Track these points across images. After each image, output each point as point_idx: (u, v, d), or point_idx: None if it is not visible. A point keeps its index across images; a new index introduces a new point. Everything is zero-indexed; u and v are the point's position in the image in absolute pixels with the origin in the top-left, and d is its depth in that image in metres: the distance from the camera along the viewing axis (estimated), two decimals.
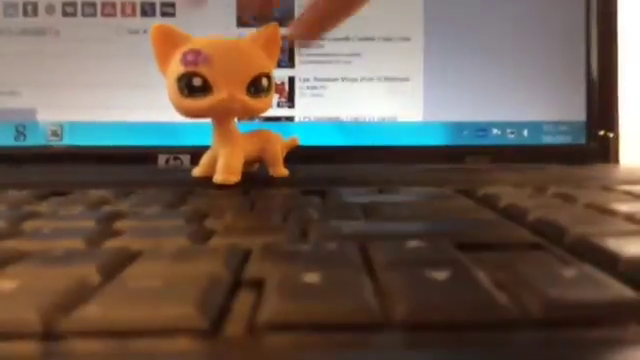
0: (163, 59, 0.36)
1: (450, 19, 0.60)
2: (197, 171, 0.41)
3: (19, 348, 0.14)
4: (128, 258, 0.20)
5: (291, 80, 0.59)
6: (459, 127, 0.60)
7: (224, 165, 0.38)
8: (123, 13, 0.59)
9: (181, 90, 0.35)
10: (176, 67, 0.35)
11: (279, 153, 0.42)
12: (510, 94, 0.60)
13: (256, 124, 0.57)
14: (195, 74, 0.34)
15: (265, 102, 0.37)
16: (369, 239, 0.22)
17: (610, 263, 0.19)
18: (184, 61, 0.34)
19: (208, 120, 0.38)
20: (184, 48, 0.35)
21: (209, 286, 0.16)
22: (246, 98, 0.35)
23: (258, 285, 0.17)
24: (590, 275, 0.17)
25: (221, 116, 0.38)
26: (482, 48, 0.61)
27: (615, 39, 0.61)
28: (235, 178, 0.38)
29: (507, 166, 0.55)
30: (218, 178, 0.38)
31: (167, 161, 0.57)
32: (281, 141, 0.43)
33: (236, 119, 0.39)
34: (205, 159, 0.41)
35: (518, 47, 0.61)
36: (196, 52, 0.34)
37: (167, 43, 0.35)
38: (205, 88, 0.34)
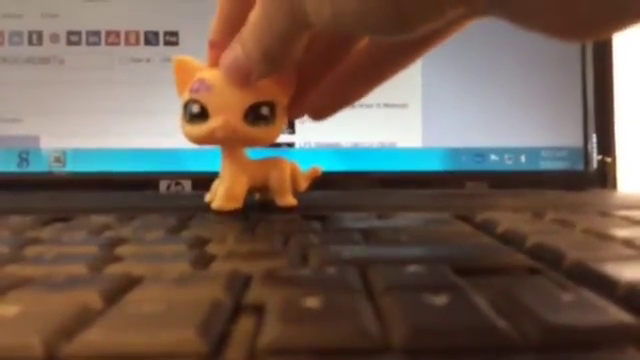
0: (182, 88, 0.36)
1: (448, 46, 0.60)
2: (209, 197, 0.41)
3: None
4: (130, 283, 0.20)
5: None
6: (457, 153, 0.60)
7: (224, 191, 0.38)
8: (127, 42, 0.59)
9: (184, 117, 0.35)
10: (186, 95, 0.35)
11: (286, 181, 0.40)
12: (508, 120, 0.61)
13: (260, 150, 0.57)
14: (195, 101, 0.34)
15: (267, 131, 0.36)
16: (369, 264, 0.22)
17: (608, 288, 0.19)
18: (191, 89, 0.35)
19: (211, 146, 0.37)
20: (195, 77, 0.35)
21: (210, 311, 0.16)
22: (242, 126, 0.34)
23: (258, 310, 0.17)
24: (588, 300, 0.17)
25: (221, 144, 0.37)
26: (480, 75, 0.61)
27: (610, 64, 0.61)
28: (234, 204, 0.38)
29: (505, 192, 0.55)
30: (215, 204, 0.38)
31: (168, 187, 0.57)
32: (295, 169, 0.42)
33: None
34: (214, 185, 0.41)
35: (515, 73, 0.61)
36: (201, 81, 0.34)
37: (185, 73, 0.36)
38: (203, 115, 0.34)
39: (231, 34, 0.31)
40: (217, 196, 0.38)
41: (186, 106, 0.35)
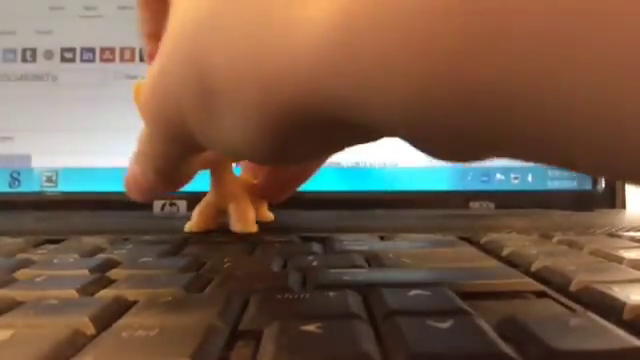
0: None
1: None
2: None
3: None
4: (122, 308, 0.20)
5: None
6: (462, 172, 0.60)
7: (194, 212, 0.39)
8: (122, 58, 0.59)
9: None
10: None
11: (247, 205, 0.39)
12: None
13: None
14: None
15: None
16: (370, 287, 0.21)
17: (616, 311, 0.19)
18: None
19: None
20: None
21: (205, 337, 0.16)
22: None
23: (256, 335, 0.17)
24: (595, 324, 0.17)
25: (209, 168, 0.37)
26: None
27: None
28: (196, 228, 0.38)
29: (511, 212, 0.55)
30: (187, 226, 0.39)
31: (163, 207, 0.57)
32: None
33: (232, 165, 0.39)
34: None
35: None
36: None
37: None
38: None
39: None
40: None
41: None
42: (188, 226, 0.38)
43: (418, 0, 0.11)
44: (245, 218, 0.38)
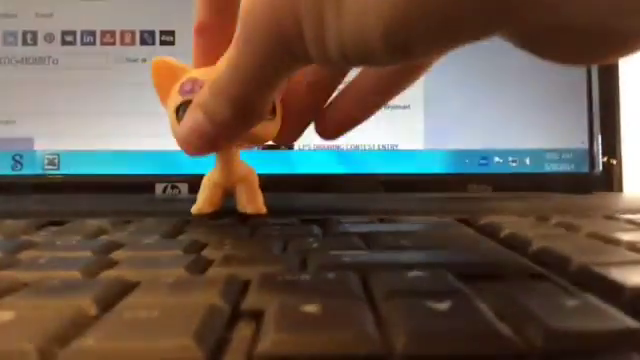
0: (164, 92, 0.34)
1: None
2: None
3: None
4: (125, 289, 0.20)
5: None
6: (460, 155, 0.60)
7: (200, 194, 0.38)
8: (122, 42, 0.59)
9: (179, 121, 0.32)
10: (175, 97, 0.33)
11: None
12: (512, 122, 0.60)
13: (256, 152, 0.57)
14: (190, 103, 0.32)
15: (268, 127, 0.34)
16: (369, 269, 0.21)
17: (614, 293, 0.19)
18: (181, 91, 0.33)
19: None
20: (183, 79, 0.33)
21: (207, 317, 0.16)
22: None
23: (257, 316, 0.17)
24: (593, 305, 0.17)
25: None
26: (483, 75, 0.60)
27: (616, 65, 0.60)
28: (204, 209, 0.38)
29: (509, 195, 0.55)
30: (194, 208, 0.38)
31: (165, 190, 0.57)
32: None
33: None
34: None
35: (520, 74, 0.61)
36: (193, 80, 0.32)
37: (167, 76, 0.34)
38: None
39: (221, 13, 0.28)
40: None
41: (178, 109, 0.33)
42: (196, 209, 0.38)
43: None
44: (256, 199, 0.39)
